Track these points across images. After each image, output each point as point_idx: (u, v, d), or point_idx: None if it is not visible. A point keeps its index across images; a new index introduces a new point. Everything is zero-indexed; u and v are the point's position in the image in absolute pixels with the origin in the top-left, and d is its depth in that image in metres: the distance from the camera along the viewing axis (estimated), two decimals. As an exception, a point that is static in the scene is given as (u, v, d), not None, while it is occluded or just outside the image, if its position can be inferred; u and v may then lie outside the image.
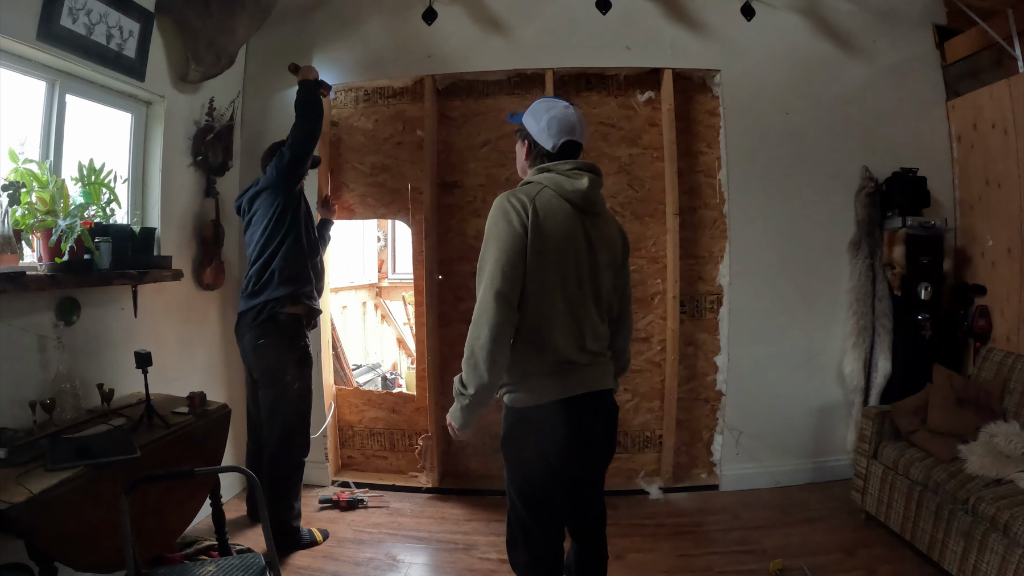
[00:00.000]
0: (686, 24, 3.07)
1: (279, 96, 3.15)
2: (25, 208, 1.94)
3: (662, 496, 3.05)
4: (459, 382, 1.50)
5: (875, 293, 2.99)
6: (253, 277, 2.50)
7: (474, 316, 1.47)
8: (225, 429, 2.30)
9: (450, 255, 3.23)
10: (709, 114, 3.15)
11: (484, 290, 1.46)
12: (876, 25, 3.10)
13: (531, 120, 1.59)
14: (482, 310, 1.45)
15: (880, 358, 2.95)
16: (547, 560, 1.63)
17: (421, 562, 2.51)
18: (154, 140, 2.64)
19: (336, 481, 3.23)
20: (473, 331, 1.47)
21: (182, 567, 1.79)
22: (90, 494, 1.62)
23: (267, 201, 2.50)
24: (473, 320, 1.47)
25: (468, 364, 1.47)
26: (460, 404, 1.51)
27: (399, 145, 3.25)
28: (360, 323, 4.73)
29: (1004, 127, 2.75)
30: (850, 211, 3.07)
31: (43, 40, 2.01)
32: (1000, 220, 2.81)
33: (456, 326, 3.24)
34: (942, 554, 2.14)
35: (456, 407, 1.52)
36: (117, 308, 2.36)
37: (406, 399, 3.37)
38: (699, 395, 3.19)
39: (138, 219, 2.57)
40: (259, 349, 2.49)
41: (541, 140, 1.56)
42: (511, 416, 1.56)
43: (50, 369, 2.01)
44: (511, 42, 3.09)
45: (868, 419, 2.64)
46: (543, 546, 1.61)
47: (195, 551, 2.34)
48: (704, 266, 3.17)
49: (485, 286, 1.46)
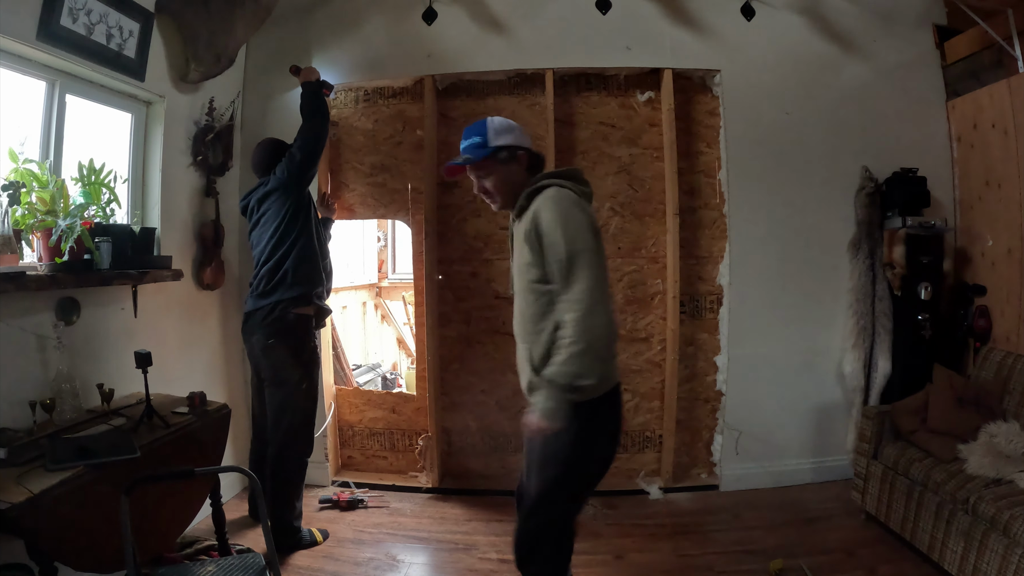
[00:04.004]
0: (686, 24, 3.07)
1: (279, 96, 3.16)
2: (25, 208, 1.94)
3: (662, 496, 3.05)
4: (570, 376, 1.44)
5: (875, 293, 2.99)
6: (264, 277, 2.50)
7: (583, 307, 1.44)
8: (225, 429, 2.30)
9: (450, 255, 3.23)
10: (709, 114, 3.15)
11: (587, 280, 1.45)
12: (876, 25, 3.10)
13: (514, 136, 1.67)
14: (593, 300, 1.44)
15: (880, 358, 2.95)
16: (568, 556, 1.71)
17: (421, 562, 2.51)
18: (154, 140, 2.64)
19: (336, 481, 3.23)
20: (586, 321, 1.43)
21: (182, 567, 1.79)
22: (90, 494, 1.62)
23: (278, 202, 2.50)
24: (583, 311, 1.43)
25: (588, 356, 1.43)
26: (567, 398, 1.46)
27: (399, 145, 3.25)
28: (360, 323, 4.73)
29: (1004, 127, 2.74)
30: (850, 211, 3.07)
31: (43, 40, 2.01)
32: (1000, 220, 2.80)
33: (456, 326, 3.24)
34: (942, 554, 2.14)
35: (559, 402, 1.46)
36: (117, 308, 2.36)
37: (406, 399, 3.37)
38: (699, 395, 3.19)
39: (138, 219, 2.57)
40: (268, 349, 2.49)
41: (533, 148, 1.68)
42: (579, 410, 1.50)
43: (50, 369, 2.01)
44: (511, 42, 3.09)
45: (868, 419, 2.64)
46: (571, 544, 1.69)
47: (195, 551, 2.34)
48: (704, 266, 3.17)
49: (587, 276, 1.45)
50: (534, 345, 1.57)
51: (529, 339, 1.59)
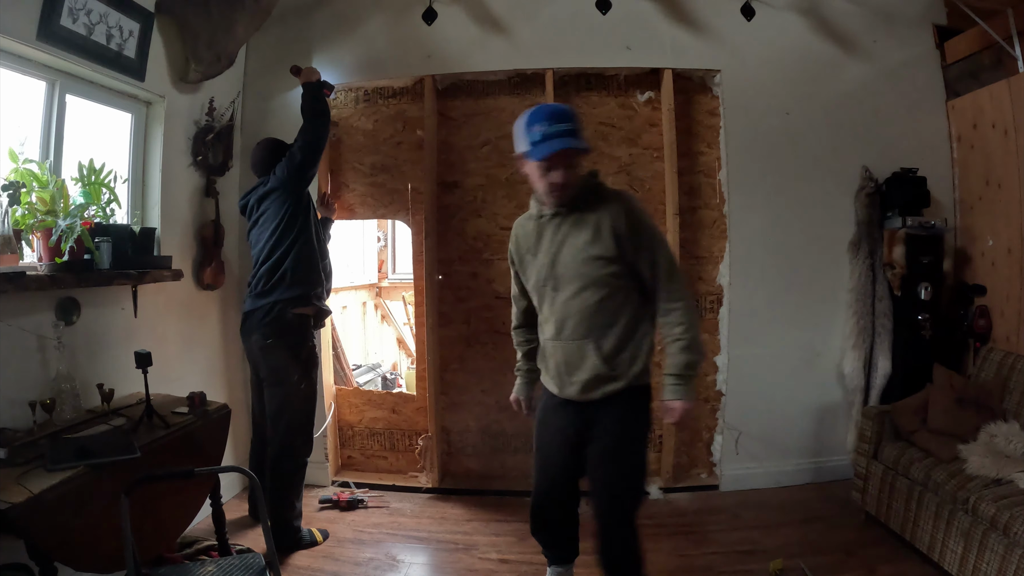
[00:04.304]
0: (686, 24, 3.07)
1: (279, 96, 3.15)
2: (25, 208, 1.94)
3: (662, 496, 3.05)
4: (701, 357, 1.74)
5: (875, 293, 2.99)
6: (263, 277, 2.50)
7: (690, 298, 1.74)
8: (225, 429, 2.30)
9: (450, 255, 3.23)
10: (709, 114, 3.15)
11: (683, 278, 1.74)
12: (876, 25, 3.10)
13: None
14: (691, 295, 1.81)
15: (880, 358, 2.95)
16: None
17: (421, 562, 2.51)
18: (154, 140, 2.64)
19: (336, 481, 3.23)
20: (695, 315, 1.75)
21: (182, 567, 1.79)
22: (90, 494, 1.62)
23: (277, 202, 2.50)
24: (691, 302, 1.74)
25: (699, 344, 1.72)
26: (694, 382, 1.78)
27: (399, 145, 3.25)
28: (360, 323, 4.73)
29: (1004, 127, 2.74)
30: (850, 211, 3.07)
31: (43, 40, 2.00)
32: (1000, 220, 2.80)
33: (456, 326, 3.24)
34: (942, 554, 2.14)
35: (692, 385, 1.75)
36: (117, 308, 2.36)
37: (406, 399, 3.37)
38: (699, 395, 3.19)
39: (138, 219, 2.57)
40: (267, 349, 2.49)
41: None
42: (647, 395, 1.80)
43: (50, 369, 2.01)
44: (511, 42, 3.09)
45: (868, 419, 2.64)
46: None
47: (195, 551, 2.34)
48: (704, 266, 3.16)
49: (681, 275, 1.74)
50: (603, 338, 1.69)
51: (596, 332, 1.69)
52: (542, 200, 1.74)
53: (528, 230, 1.81)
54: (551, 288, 1.74)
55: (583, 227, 1.68)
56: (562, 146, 1.59)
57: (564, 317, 1.72)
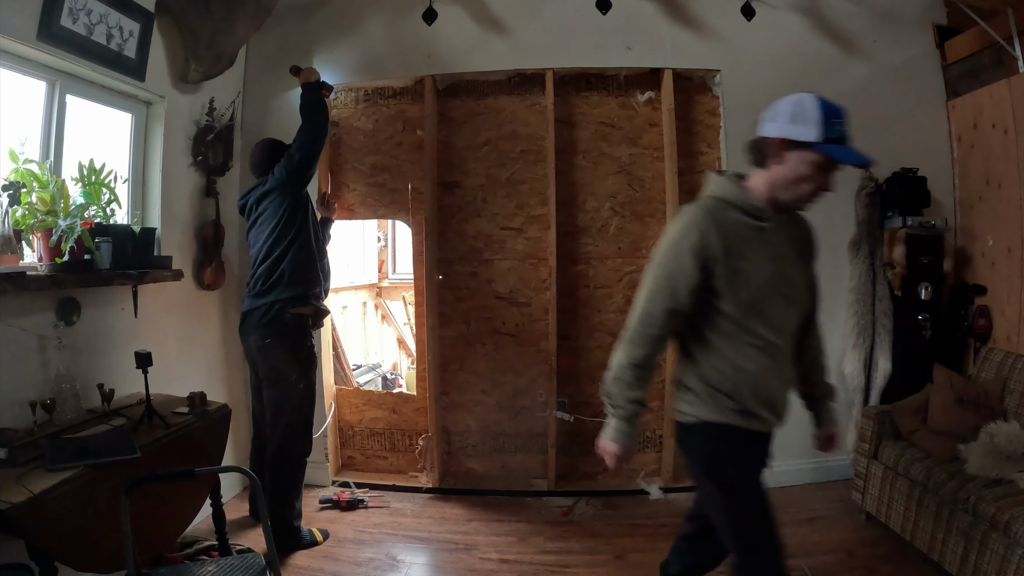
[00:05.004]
0: (686, 24, 3.07)
1: (279, 96, 3.15)
2: (25, 208, 1.94)
3: (662, 496, 3.05)
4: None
5: (875, 293, 2.98)
6: (261, 277, 2.50)
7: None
8: (225, 429, 2.30)
9: (450, 255, 3.23)
10: (709, 114, 3.15)
11: None
12: (876, 25, 3.10)
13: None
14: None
15: (880, 358, 2.95)
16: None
17: (421, 562, 2.51)
18: (154, 140, 2.64)
19: (336, 481, 3.23)
20: None
21: (182, 567, 1.79)
22: (90, 494, 1.62)
23: (276, 202, 2.51)
24: None
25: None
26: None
27: (399, 145, 3.25)
28: (360, 323, 4.73)
29: (1004, 127, 2.74)
30: (850, 211, 3.07)
31: (43, 40, 2.00)
32: (1000, 220, 2.80)
33: (456, 326, 3.24)
34: (942, 554, 2.14)
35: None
36: (117, 308, 2.36)
37: (406, 399, 3.37)
38: (640, 437, 3.18)
39: (138, 219, 2.57)
40: (265, 348, 2.50)
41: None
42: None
43: (50, 369, 2.01)
44: (511, 42, 3.09)
45: (868, 419, 2.64)
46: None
47: (195, 551, 2.34)
48: (704, 266, 3.16)
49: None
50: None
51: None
52: (754, 201, 1.52)
53: (737, 230, 1.49)
54: (784, 299, 1.52)
55: (798, 242, 1.61)
56: (868, 160, 1.46)
57: (787, 333, 1.54)
